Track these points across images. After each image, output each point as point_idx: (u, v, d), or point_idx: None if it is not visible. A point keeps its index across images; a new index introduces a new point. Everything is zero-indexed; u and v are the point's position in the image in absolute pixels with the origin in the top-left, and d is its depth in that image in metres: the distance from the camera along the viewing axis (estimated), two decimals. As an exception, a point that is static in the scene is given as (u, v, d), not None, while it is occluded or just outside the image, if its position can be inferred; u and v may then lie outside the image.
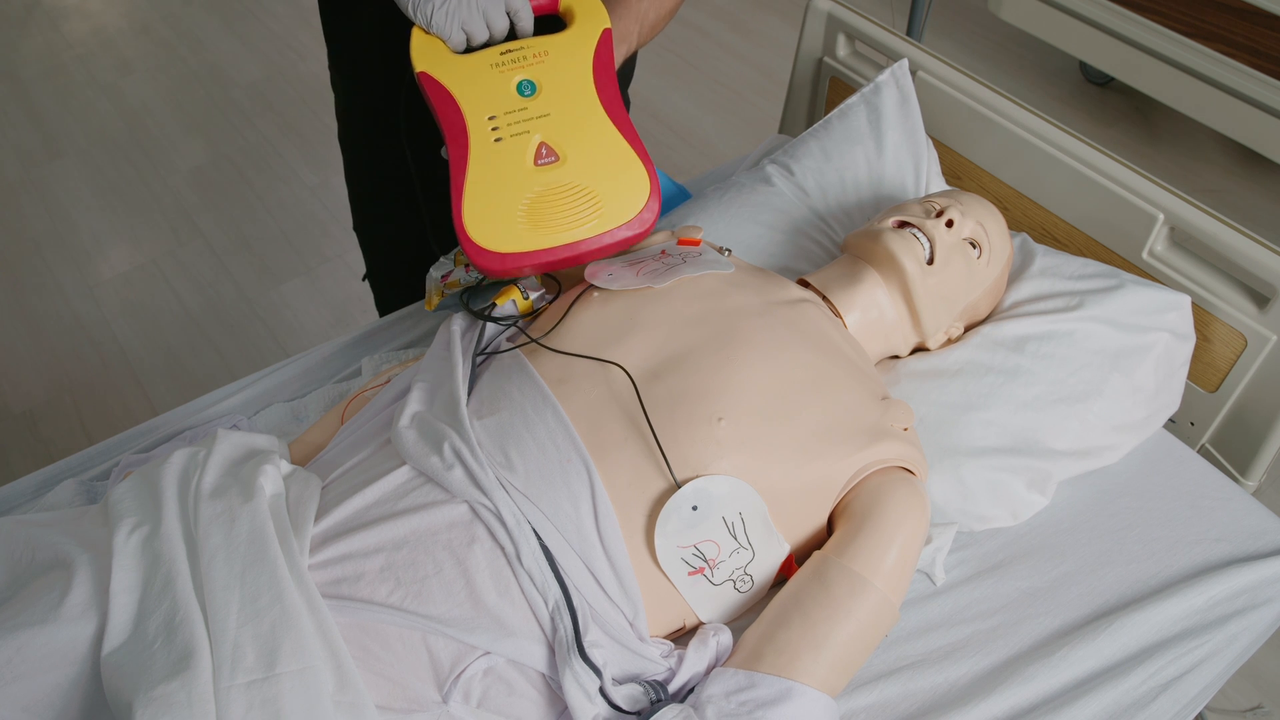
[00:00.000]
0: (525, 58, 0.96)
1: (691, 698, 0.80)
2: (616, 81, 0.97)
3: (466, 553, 0.78)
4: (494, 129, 0.92)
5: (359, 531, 0.79)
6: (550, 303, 1.02)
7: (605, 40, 0.97)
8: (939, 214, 1.02)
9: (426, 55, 0.96)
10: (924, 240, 1.00)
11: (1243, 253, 1.06)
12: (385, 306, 1.47)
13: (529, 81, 0.95)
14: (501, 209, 0.90)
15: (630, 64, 1.31)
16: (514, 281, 1.00)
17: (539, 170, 0.91)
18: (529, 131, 0.93)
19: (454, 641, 0.76)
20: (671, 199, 1.37)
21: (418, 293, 1.31)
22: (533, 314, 1.01)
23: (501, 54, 0.96)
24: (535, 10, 1.00)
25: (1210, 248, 1.10)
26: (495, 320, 0.97)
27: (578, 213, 0.91)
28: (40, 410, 2.17)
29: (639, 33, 1.07)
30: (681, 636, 0.88)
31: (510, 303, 0.99)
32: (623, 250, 0.95)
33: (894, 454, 0.89)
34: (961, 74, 1.31)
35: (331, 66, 1.26)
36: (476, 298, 1.13)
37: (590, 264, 1.00)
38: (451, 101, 0.94)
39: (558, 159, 0.92)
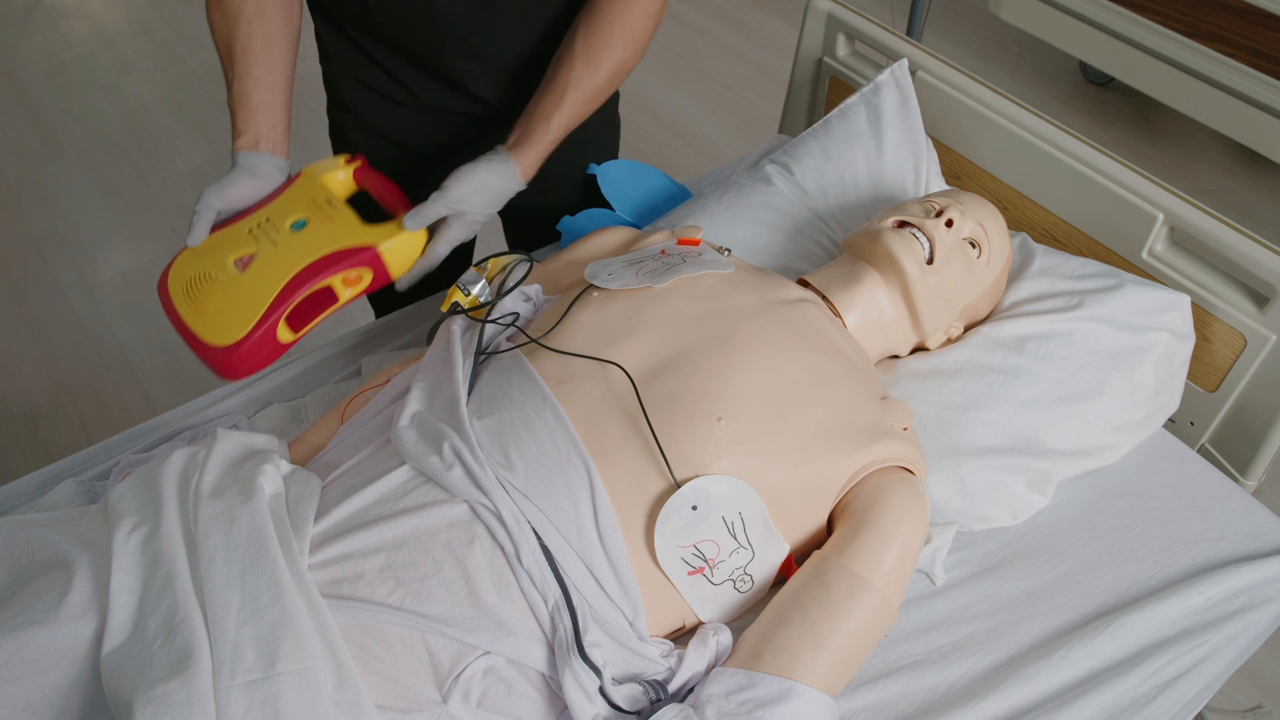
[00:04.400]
0: (332, 213, 1.05)
1: (691, 697, 0.80)
2: (325, 282, 1.01)
3: (466, 552, 0.78)
4: (258, 224, 1.03)
5: (359, 531, 0.79)
6: (547, 303, 1.02)
7: (364, 254, 1.01)
8: (939, 214, 1.02)
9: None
10: (924, 240, 1.00)
11: (1243, 253, 1.06)
12: (383, 307, 1.47)
13: (303, 222, 1.03)
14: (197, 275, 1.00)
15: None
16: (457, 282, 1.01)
17: (233, 266, 1.00)
18: (259, 243, 1.01)
19: (454, 641, 0.76)
20: (672, 197, 1.37)
21: (414, 293, 1.30)
22: (481, 306, 1.00)
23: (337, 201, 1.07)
24: (378, 193, 1.09)
25: (1210, 248, 1.10)
26: (493, 321, 0.97)
27: (208, 302, 0.98)
28: (40, 410, 2.17)
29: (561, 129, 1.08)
30: (681, 636, 0.88)
31: (499, 310, 0.99)
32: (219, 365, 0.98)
33: (894, 454, 0.89)
34: (961, 74, 1.31)
35: (321, 60, 1.26)
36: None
37: (590, 264, 1.00)
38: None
39: (241, 271, 1.00)
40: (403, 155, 1.26)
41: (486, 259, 1.05)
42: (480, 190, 1.03)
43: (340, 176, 1.11)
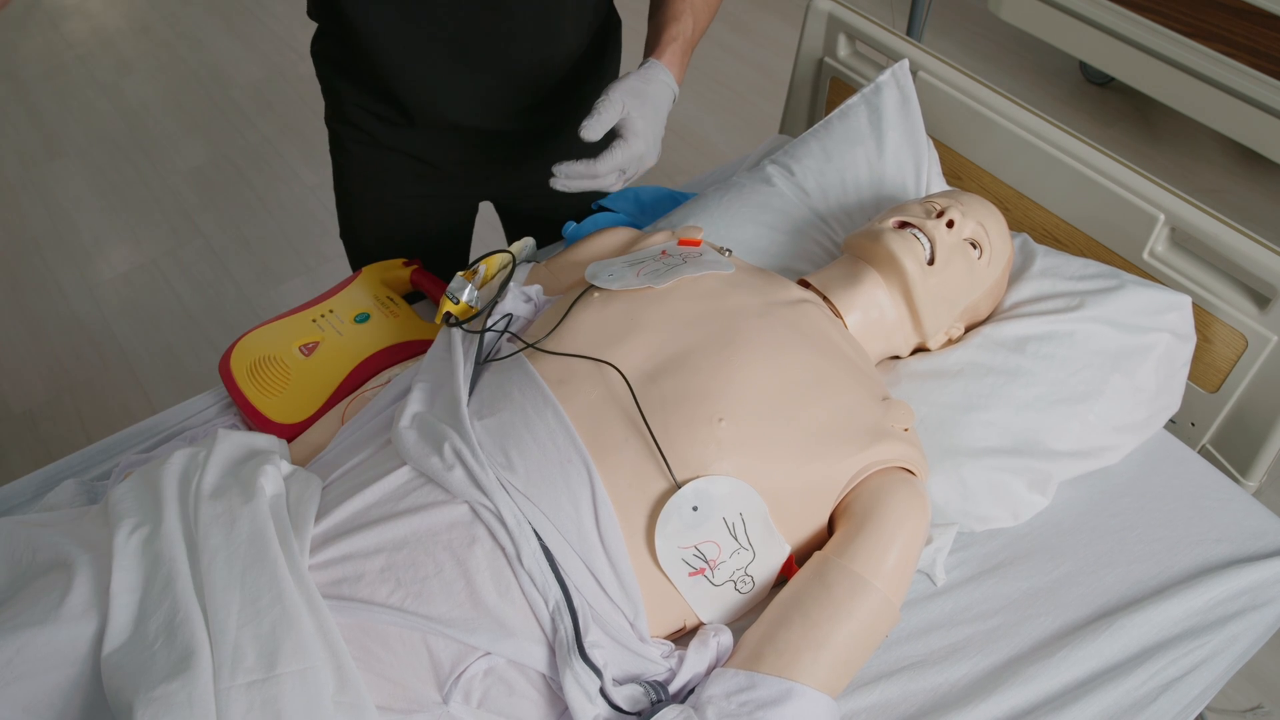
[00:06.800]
0: (395, 309, 1.17)
1: (692, 698, 0.80)
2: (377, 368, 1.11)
3: (467, 553, 0.78)
4: (322, 314, 1.16)
5: (359, 532, 0.79)
6: (546, 305, 1.02)
7: (423, 346, 1.12)
8: (939, 214, 1.02)
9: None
10: (924, 240, 1.00)
11: (1243, 253, 1.06)
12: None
13: (366, 315, 1.15)
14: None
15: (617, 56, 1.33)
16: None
17: (298, 351, 1.11)
18: (324, 332, 1.13)
19: (454, 642, 0.76)
20: (673, 200, 1.37)
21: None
22: (476, 314, 1.00)
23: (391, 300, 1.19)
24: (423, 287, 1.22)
25: (1211, 248, 1.10)
26: (490, 330, 0.96)
27: (272, 384, 1.08)
28: (40, 410, 2.17)
29: (694, 26, 1.13)
30: (682, 637, 0.88)
31: (498, 311, 0.99)
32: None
33: (894, 454, 0.89)
34: (961, 74, 1.31)
35: (316, 60, 1.26)
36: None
37: (591, 265, 1.00)
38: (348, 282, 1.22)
39: (306, 357, 1.11)
40: (419, 168, 1.26)
41: (476, 262, 1.05)
42: (637, 94, 1.03)
43: (398, 277, 1.20)
